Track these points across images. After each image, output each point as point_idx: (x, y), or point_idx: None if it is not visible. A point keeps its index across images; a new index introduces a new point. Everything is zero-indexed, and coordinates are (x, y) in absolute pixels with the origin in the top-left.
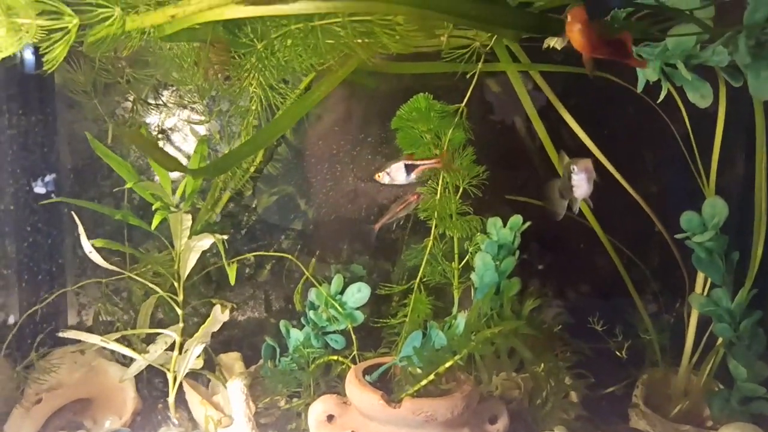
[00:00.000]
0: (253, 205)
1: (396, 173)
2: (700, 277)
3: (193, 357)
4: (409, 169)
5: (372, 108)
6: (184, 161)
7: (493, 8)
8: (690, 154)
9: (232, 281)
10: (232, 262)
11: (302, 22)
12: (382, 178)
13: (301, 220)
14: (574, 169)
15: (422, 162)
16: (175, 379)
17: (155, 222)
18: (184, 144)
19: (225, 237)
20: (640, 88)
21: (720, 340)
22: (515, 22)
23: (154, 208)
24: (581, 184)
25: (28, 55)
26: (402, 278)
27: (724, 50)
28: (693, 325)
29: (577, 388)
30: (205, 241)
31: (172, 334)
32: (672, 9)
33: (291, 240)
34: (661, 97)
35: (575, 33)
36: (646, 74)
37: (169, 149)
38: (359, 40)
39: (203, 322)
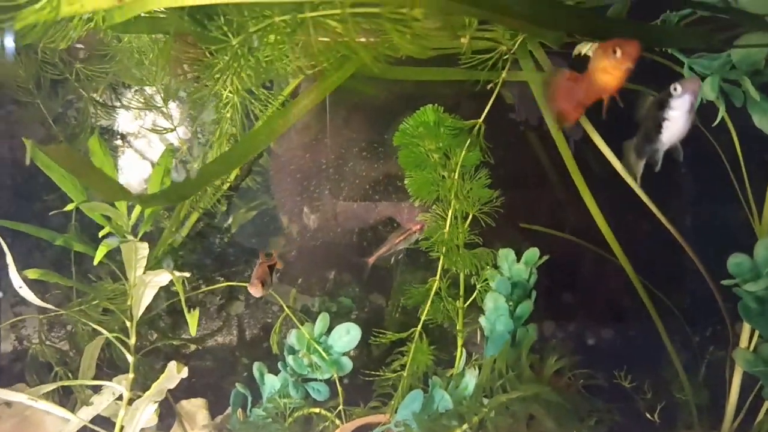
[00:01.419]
0: (227, 225)
1: None
2: (746, 328)
3: (142, 419)
4: None
5: (370, 118)
6: (149, 172)
7: (543, 4)
8: (740, 184)
9: (193, 331)
10: (196, 300)
11: (289, 14)
12: None
13: (281, 243)
14: (677, 89)
15: None
16: None
17: (99, 254)
18: (149, 151)
19: (186, 274)
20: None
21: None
22: (567, 22)
23: (101, 234)
24: (679, 115)
25: None
26: (395, 312)
27: None
28: (736, 385)
29: None
30: (163, 277)
31: (118, 387)
32: (741, 13)
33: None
34: (717, 119)
35: (622, 72)
36: (704, 92)
37: (130, 158)
38: (362, 39)
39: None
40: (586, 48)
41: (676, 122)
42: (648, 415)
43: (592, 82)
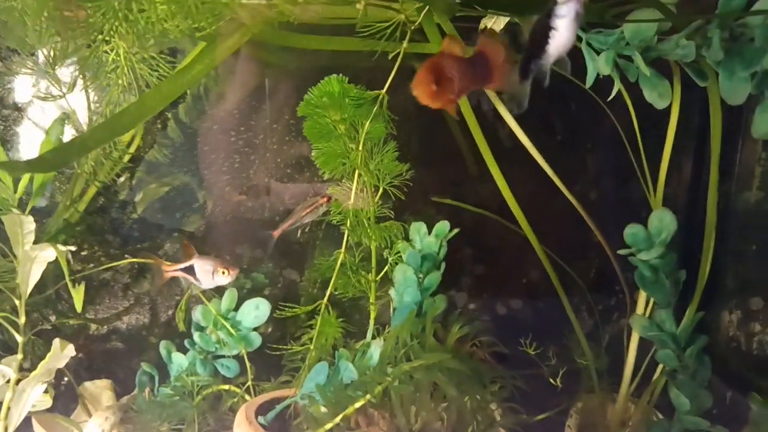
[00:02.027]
0: (135, 201)
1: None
2: (642, 296)
3: (30, 400)
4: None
5: (284, 89)
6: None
7: None
8: (637, 159)
9: (79, 307)
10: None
11: None
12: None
13: (192, 219)
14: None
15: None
16: (6, 428)
17: None
18: (44, 120)
19: (71, 248)
20: (589, 83)
21: (661, 366)
22: None
23: None
24: (566, 23)
25: None
26: (312, 288)
27: (690, 43)
28: (633, 350)
29: (507, 421)
30: (48, 252)
31: (6, 369)
32: None
33: (178, 243)
34: (613, 93)
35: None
36: (599, 66)
37: (22, 128)
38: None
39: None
40: (492, 21)
41: (563, 32)
42: (551, 381)
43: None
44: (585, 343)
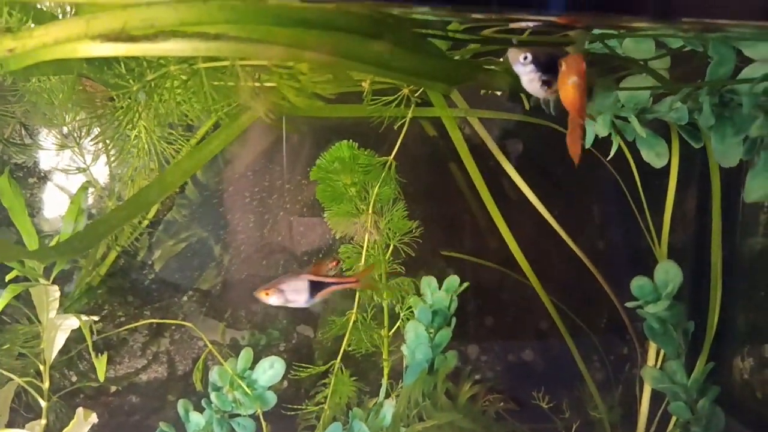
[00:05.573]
0: (151, 261)
1: (293, 293)
2: (653, 346)
3: None
4: (314, 288)
5: (295, 151)
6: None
7: (419, 59)
8: (640, 212)
9: (102, 376)
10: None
11: (183, 63)
12: (270, 297)
13: (208, 278)
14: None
15: (334, 280)
16: None
17: (3, 302)
18: (69, 187)
19: (94, 318)
20: (588, 143)
21: (674, 418)
22: (446, 75)
23: (7, 278)
24: (526, 80)
25: None
26: (327, 343)
27: (683, 107)
28: (646, 401)
29: None
30: (72, 321)
31: None
32: (625, 58)
33: (195, 301)
34: (612, 152)
35: (569, 87)
36: (597, 128)
37: (49, 192)
38: (257, 84)
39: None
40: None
41: (526, 82)
42: None
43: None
44: (597, 395)
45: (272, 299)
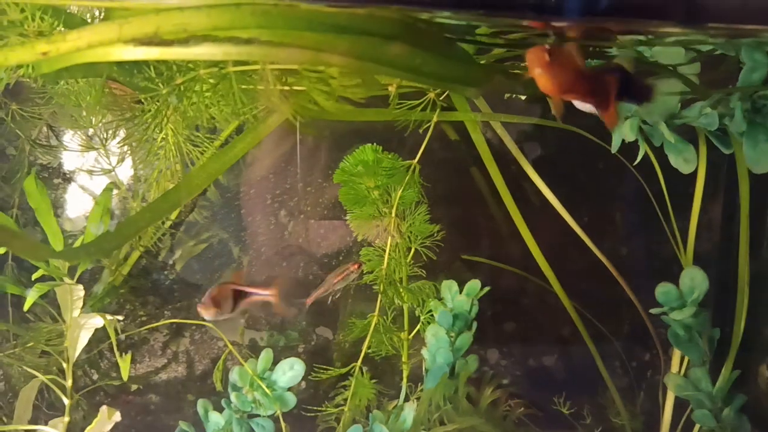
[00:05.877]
0: (172, 261)
1: (225, 303)
2: (677, 353)
3: None
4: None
5: (316, 153)
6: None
7: (450, 63)
8: (665, 217)
9: (125, 376)
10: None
11: (212, 67)
12: (207, 309)
13: (228, 279)
14: None
15: (253, 290)
16: None
17: (29, 300)
18: (94, 188)
19: (119, 318)
20: (614, 149)
21: (698, 426)
22: (476, 79)
23: (33, 277)
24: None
25: None
26: (345, 344)
27: (714, 113)
28: (669, 409)
29: None
30: (96, 320)
31: (50, 431)
32: (654, 63)
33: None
34: (638, 158)
35: (537, 78)
36: (623, 133)
37: (74, 193)
38: (285, 88)
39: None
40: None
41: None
42: None
43: None
44: (620, 402)
45: (209, 313)
